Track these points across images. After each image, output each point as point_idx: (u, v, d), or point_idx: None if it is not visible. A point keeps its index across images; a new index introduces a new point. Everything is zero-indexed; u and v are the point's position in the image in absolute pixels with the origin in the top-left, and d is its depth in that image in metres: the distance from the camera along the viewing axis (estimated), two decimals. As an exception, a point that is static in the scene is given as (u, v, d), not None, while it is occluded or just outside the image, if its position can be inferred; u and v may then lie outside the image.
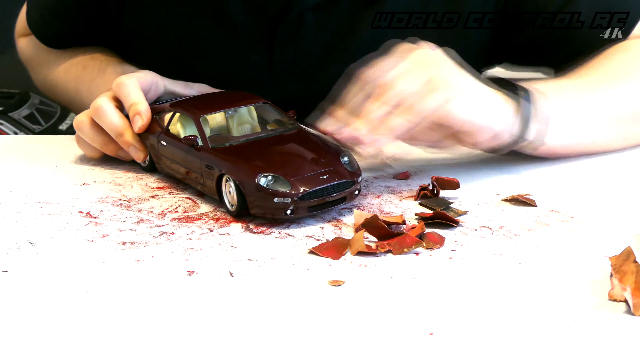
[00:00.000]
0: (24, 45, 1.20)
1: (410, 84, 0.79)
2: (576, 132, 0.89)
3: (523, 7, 0.98)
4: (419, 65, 0.81)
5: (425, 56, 0.82)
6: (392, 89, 0.79)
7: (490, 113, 0.82)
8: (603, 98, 0.90)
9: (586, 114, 0.88)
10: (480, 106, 0.81)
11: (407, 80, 0.79)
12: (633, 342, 0.57)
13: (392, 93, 0.79)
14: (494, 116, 0.82)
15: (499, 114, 0.82)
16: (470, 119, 0.80)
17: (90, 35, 1.09)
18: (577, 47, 0.97)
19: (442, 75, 0.80)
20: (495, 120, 0.82)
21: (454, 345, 0.57)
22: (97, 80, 1.02)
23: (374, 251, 0.71)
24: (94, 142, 0.92)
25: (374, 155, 0.81)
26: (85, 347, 0.58)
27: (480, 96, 0.82)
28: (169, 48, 1.03)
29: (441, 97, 0.79)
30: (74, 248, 0.73)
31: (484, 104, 0.82)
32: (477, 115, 0.81)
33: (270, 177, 0.75)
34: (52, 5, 1.08)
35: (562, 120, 0.87)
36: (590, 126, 0.89)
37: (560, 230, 0.75)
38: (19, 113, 1.61)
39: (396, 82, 0.79)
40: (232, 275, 0.67)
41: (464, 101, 0.80)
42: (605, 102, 0.90)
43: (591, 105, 0.89)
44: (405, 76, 0.80)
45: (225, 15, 1.00)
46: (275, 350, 0.57)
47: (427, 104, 0.79)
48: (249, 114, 0.86)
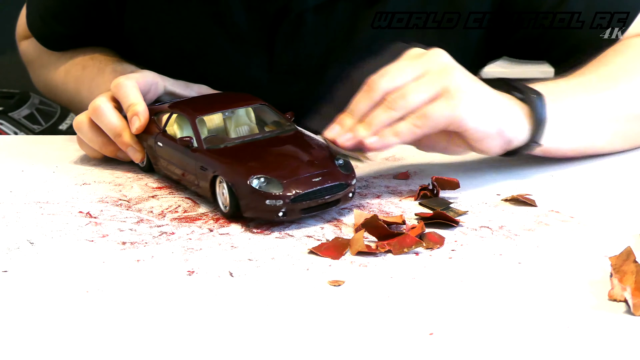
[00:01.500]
0: (26, 47, 1.20)
1: (423, 93, 0.77)
2: (578, 134, 0.88)
3: (517, 6, 0.98)
4: (433, 73, 0.79)
5: (437, 63, 0.80)
6: (403, 98, 0.77)
7: (502, 119, 0.81)
8: (604, 99, 0.89)
9: (588, 115, 0.88)
10: (491, 112, 0.80)
11: (420, 89, 0.78)
12: (633, 342, 0.57)
13: (403, 102, 0.77)
14: (505, 122, 0.81)
15: (510, 119, 0.81)
16: (481, 126, 0.79)
17: (90, 36, 1.09)
18: (573, 44, 0.97)
19: (456, 82, 0.78)
20: (507, 126, 0.81)
21: (454, 345, 0.57)
22: (97, 80, 1.02)
23: (374, 251, 0.71)
24: (92, 143, 0.92)
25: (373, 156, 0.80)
26: (85, 347, 0.58)
27: (491, 102, 0.81)
28: (170, 50, 1.03)
29: (452, 105, 0.77)
30: (74, 248, 0.73)
31: (495, 110, 0.81)
32: (487, 121, 0.80)
33: (262, 179, 0.75)
34: (52, 8, 1.08)
35: (565, 121, 0.86)
36: (592, 127, 0.89)
37: (560, 230, 0.75)
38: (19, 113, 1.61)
39: (409, 91, 0.77)
40: (232, 275, 0.67)
41: (475, 108, 0.79)
42: (606, 103, 0.89)
43: (593, 106, 0.88)
44: (418, 85, 0.78)
45: (225, 17, 1.00)
46: (275, 350, 0.57)
47: (437, 111, 0.77)
48: (247, 115, 0.86)
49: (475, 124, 0.79)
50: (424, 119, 0.77)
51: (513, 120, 0.82)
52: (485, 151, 0.83)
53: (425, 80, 0.78)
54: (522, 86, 0.84)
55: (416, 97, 0.77)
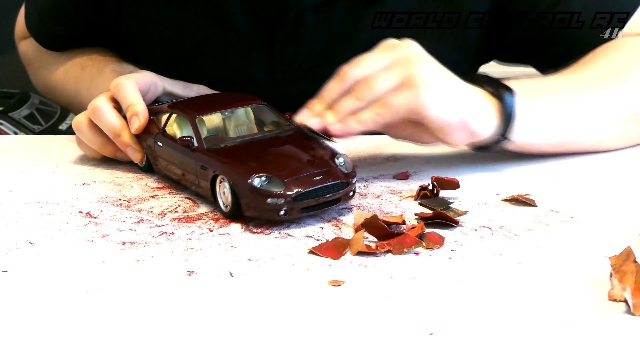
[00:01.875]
0: (25, 48, 1.20)
1: (388, 82, 0.80)
2: (552, 130, 0.89)
3: (515, 6, 0.98)
4: (400, 62, 0.81)
5: (406, 53, 0.82)
6: (368, 86, 0.80)
7: (465, 111, 0.82)
8: (592, 97, 0.90)
9: (563, 112, 0.88)
10: (455, 104, 0.81)
11: (385, 79, 0.80)
12: (633, 342, 0.57)
13: (368, 91, 0.80)
14: (470, 114, 0.82)
15: (475, 112, 0.83)
16: (442, 116, 0.81)
17: (89, 37, 1.09)
18: (571, 44, 0.97)
19: (421, 72, 0.80)
20: (471, 118, 0.82)
21: (453, 345, 0.57)
22: (96, 81, 1.02)
23: (374, 251, 0.70)
24: (92, 144, 0.92)
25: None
26: (85, 347, 0.58)
27: (456, 93, 0.82)
28: (168, 51, 1.03)
29: (413, 94, 0.79)
30: (74, 248, 0.73)
31: (459, 102, 0.82)
32: (449, 112, 0.81)
33: (264, 178, 0.75)
34: (50, 8, 1.08)
35: (538, 118, 0.87)
36: (568, 124, 0.89)
37: (560, 230, 0.75)
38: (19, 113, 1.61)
39: (374, 80, 0.80)
40: (232, 275, 0.67)
41: (437, 98, 0.80)
42: (594, 102, 0.90)
43: (579, 103, 0.89)
44: (384, 74, 0.80)
45: (224, 18, 1.00)
46: (275, 350, 0.57)
47: (398, 100, 0.79)
48: (246, 115, 0.86)
49: (436, 113, 0.80)
50: (385, 107, 0.80)
51: (479, 113, 0.83)
52: (449, 142, 0.84)
53: (391, 70, 0.80)
54: (495, 81, 0.86)
55: (380, 86, 0.80)
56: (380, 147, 0.97)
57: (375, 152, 0.96)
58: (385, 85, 0.80)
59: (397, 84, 0.80)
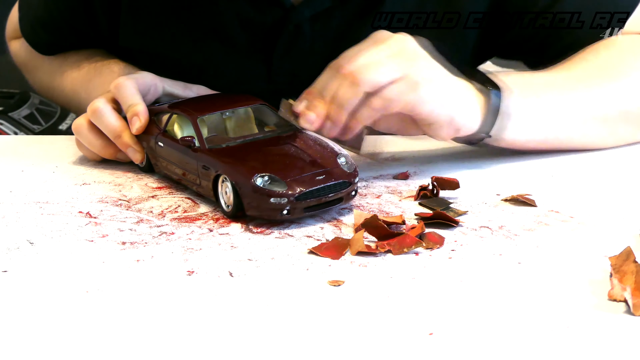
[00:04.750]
0: (17, 48, 1.19)
1: (383, 76, 0.80)
2: (541, 128, 0.89)
3: (512, 6, 0.98)
4: (395, 56, 0.81)
5: (402, 48, 0.82)
6: (361, 74, 0.80)
7: (454, 107, 0.83)
8: (580, 94, 0.90)
9: (559, 109, 0.89)
10: (446, 100, 0.82)
11: (382, 72, 0.80)
12: (633, 342, 0.57)
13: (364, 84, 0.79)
14: (457, 110, 0.83)
15: (462, 107, 0.83)
16: (435, 112, 0.82)
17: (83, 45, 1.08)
18: (568, 43, 0.97)
19: (418, 69, 0.81)
20: (458, 113, 0.83)
21: (453, 345, 0.57)
22: (95, 82, 1.02)
23: (374, 251, 0.71)
24: (92, 146, 0.92)
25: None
26: (85, 347, 0.58)
27: (448, 90, 0.83)
28: (166, 64, 1.02)
29: (411, 91, 0.80)
30: (74, 248, 0.73)
31: (450, 98, 0.83)
32: (441, 109, 0.82)
33: (266, 177, 0.75)
34: (41, 18, 1.07)
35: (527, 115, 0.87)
36: (557, 122, 0.89)
37: (560, 230, 0.75)
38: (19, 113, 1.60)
39: (368, 69, 0.80)
40: (232, 275, 0.67)
41: (432, 95, 0.81)
42: (582, 99, 0.90)
43: (566, 101, 0.90)
44: (379, 66, 0.80)
45: (222, 30, 0.99)
46: (275, 350, 0.57)
47: (396, 95, 0.80)
48: (246, 115, 0.87)
49: (429, 110, 0.81)
50: (382, 102, 0.80)
51: (464, 108, 0.84)
52: (435, 136, 0.85)
53: (386, 65, 0.81)
54: (483, 77, 0.86)
55: (378, 80, 0.80)
56: (380, 147, 0.97)
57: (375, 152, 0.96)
58: (382, 79, 0.80)
59: (394, 79, 0.80)
